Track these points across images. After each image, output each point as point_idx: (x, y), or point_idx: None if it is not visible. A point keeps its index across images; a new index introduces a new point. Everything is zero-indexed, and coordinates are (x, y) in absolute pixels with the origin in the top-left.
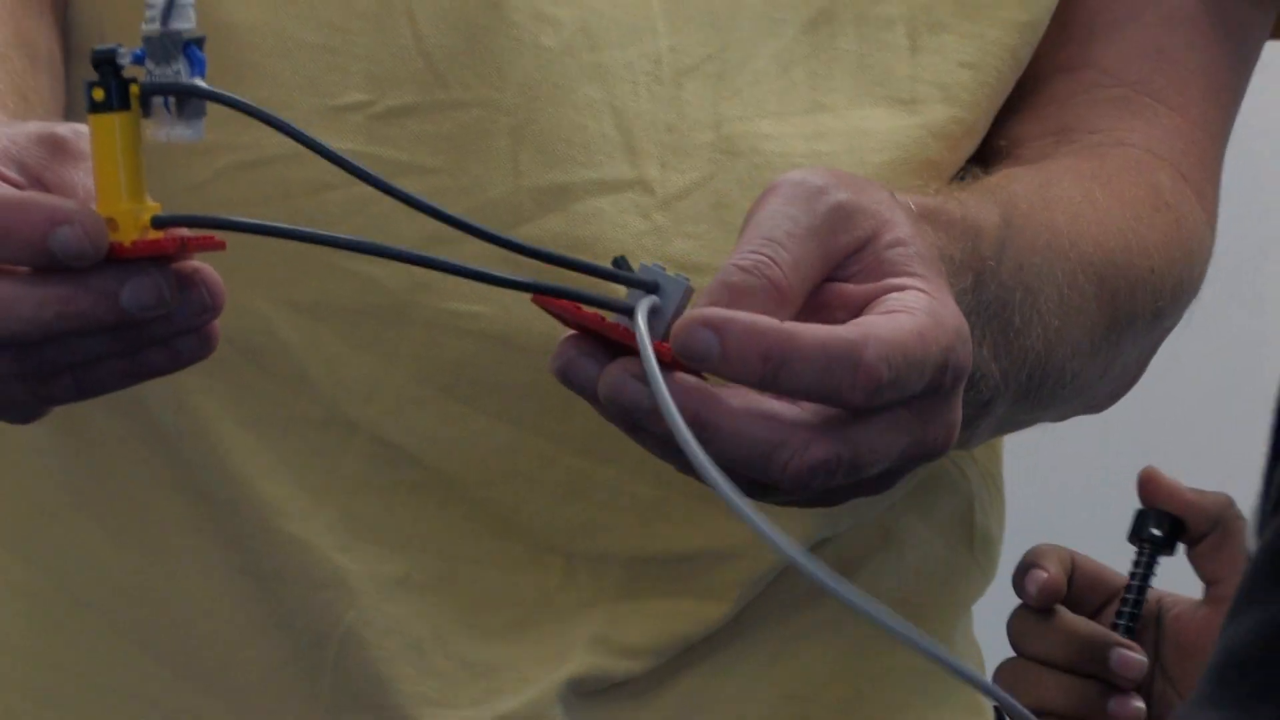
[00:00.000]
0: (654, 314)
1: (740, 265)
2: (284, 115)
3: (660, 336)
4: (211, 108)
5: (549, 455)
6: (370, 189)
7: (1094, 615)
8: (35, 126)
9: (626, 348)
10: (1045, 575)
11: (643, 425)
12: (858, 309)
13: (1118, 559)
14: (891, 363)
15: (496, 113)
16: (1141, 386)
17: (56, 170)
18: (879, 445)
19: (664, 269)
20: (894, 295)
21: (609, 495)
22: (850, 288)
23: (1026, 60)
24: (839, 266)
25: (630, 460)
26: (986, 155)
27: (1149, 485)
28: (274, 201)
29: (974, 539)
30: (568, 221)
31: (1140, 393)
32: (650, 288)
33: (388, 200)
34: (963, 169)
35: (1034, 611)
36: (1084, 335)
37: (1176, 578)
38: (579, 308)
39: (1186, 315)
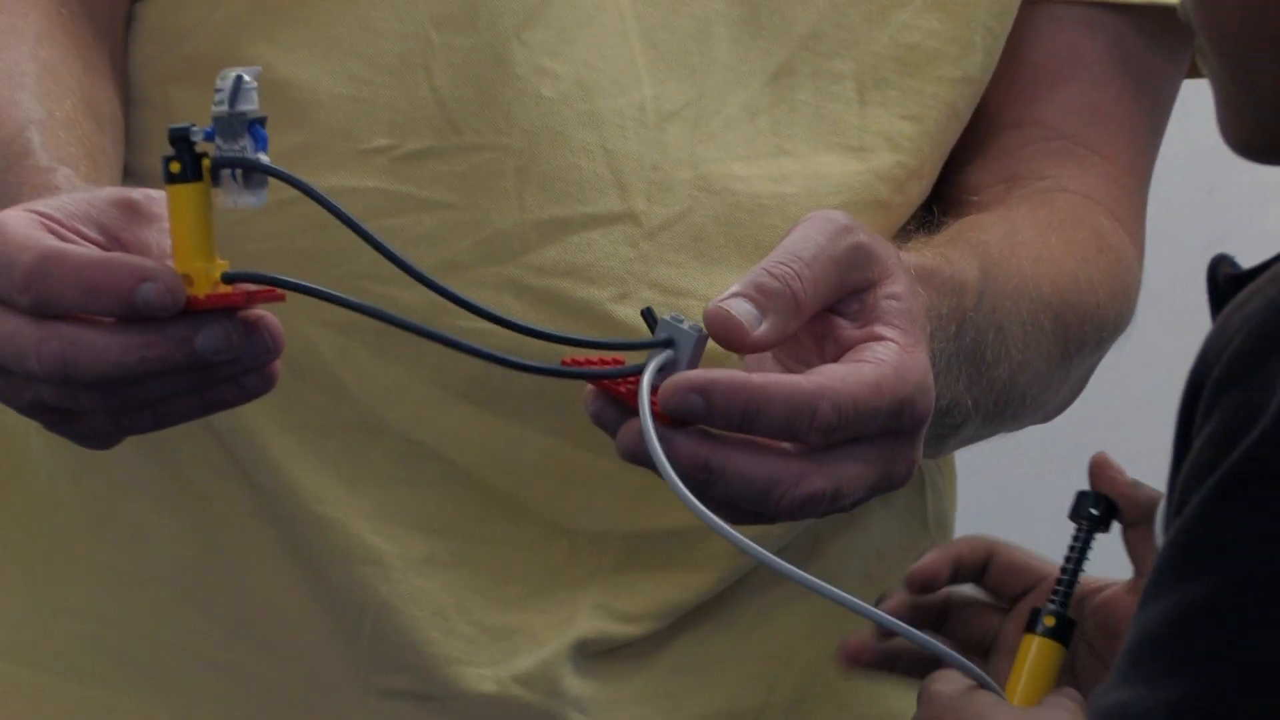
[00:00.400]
0: (669, 366)
1: (772, 272)
2: (319, 158)
3: None
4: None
5: (552, 449)
6: (393, 221)
7: (1019, 598)
8: (111, 191)
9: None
10: (919, 565)
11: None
12: (846, 347)
13: (1063, 535)
14: (841, 411)
15: (504, 155)
16: (1089, 394)
17: (132, 231)
18: (856, 480)
19: (682, 321)
20: (872, 345)
21: (605, 482)
22: (844, 325)
23: (966, 112)
24: (844, 299)
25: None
26: (950, 202)
27: (1096, 469)
28: (311, 232)
29: (929, 520)
30: (566, 250)
31: (1086, 399)
32: (666, 344)
33: (411, 231)
34: (935, 219)
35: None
36: (1042, 364)
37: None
38: (598, 380)
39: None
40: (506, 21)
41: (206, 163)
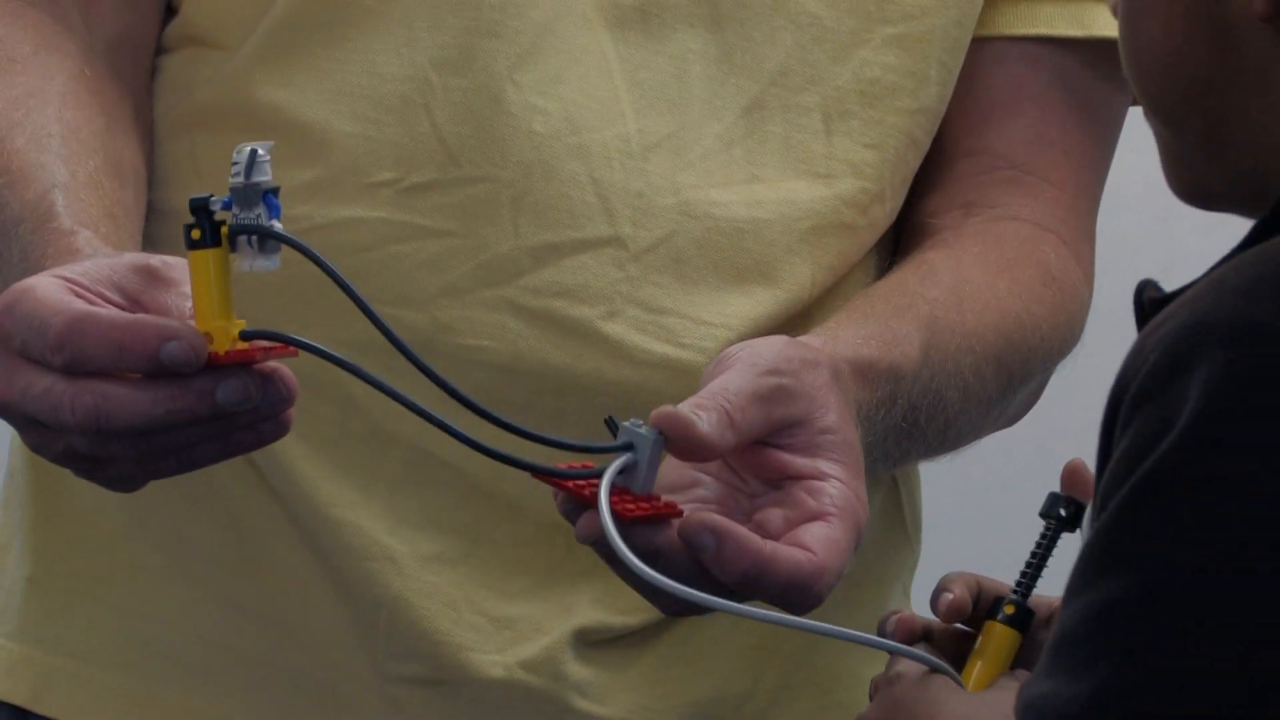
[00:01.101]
0: (630, 469)
1: (701, 398)
2: (331, 191)
3: (639, 486)
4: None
5: (548, 456)
6: (399, 248)
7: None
8: (132, 257)
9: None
10: (951, 596)
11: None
12: (794, 475)
13: (1023, 533)
14: (829, 586)
15: (499, 186)
16: (1051, 405)
17: (151, 294)
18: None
19: (641, 426)
20: (824, 485)
21: None
22: (788, 458)
23: (924, 140)
24: (779, 434)
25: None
26: (914, 226)
27: (1069, 474)
28: (326, 257)
29: (905, 521)
30: (559, 273)
31: (1048, 410)
32: (626, 448)
33: (415, 257)
34: (883, 253)
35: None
36: (981, 407)
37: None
38: (561, 482)
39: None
40: (500, 64)
41: (225, 229)
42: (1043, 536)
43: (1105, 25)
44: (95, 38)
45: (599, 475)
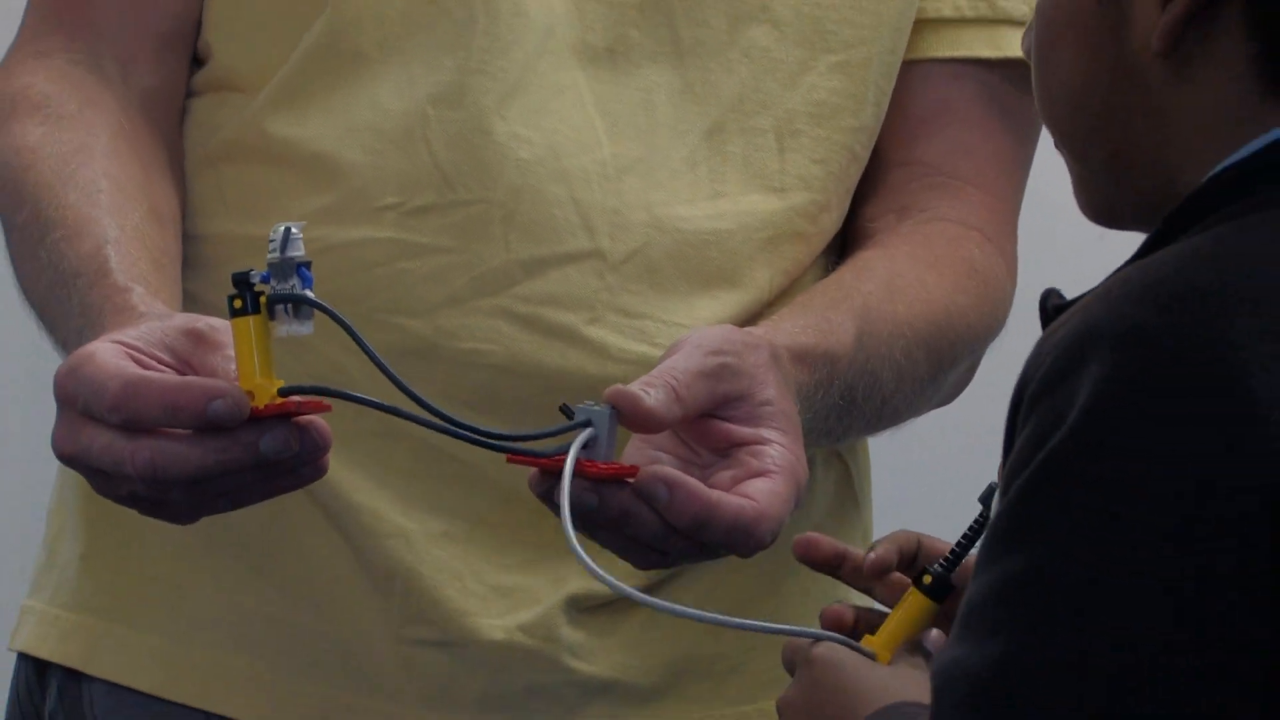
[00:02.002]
0: (592, 445)
1: (649, 378)
2: (343, 214)
3: (601, 456)
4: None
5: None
6: (404, 264)
7: None
8: (181, 320)
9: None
10: (874, 555)
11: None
12: (739, 443)
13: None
14: (771, 533)
15: (491, 207)
16: (983, 396)
17: (200, 355)
18: None
19: (594, 405)
20: (765, 449)
21: None
22: (732, 428)
23: (864, 155)
24: (724, 407)
25: None
26: (856, 230)
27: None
28: (342, 275)
29: (855, 495)
30: (546, 283)
31: (986, 398)
32: (584, 424)
33: (418, 271)
34: (831, 256)
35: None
36: (914, 387)
37: None
38: (532, 459)
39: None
40: (488, 100)
41: (264, 299)
42: (976, 520)
43: (1020, 45)
44: (133, 91)
45: (563, 453)
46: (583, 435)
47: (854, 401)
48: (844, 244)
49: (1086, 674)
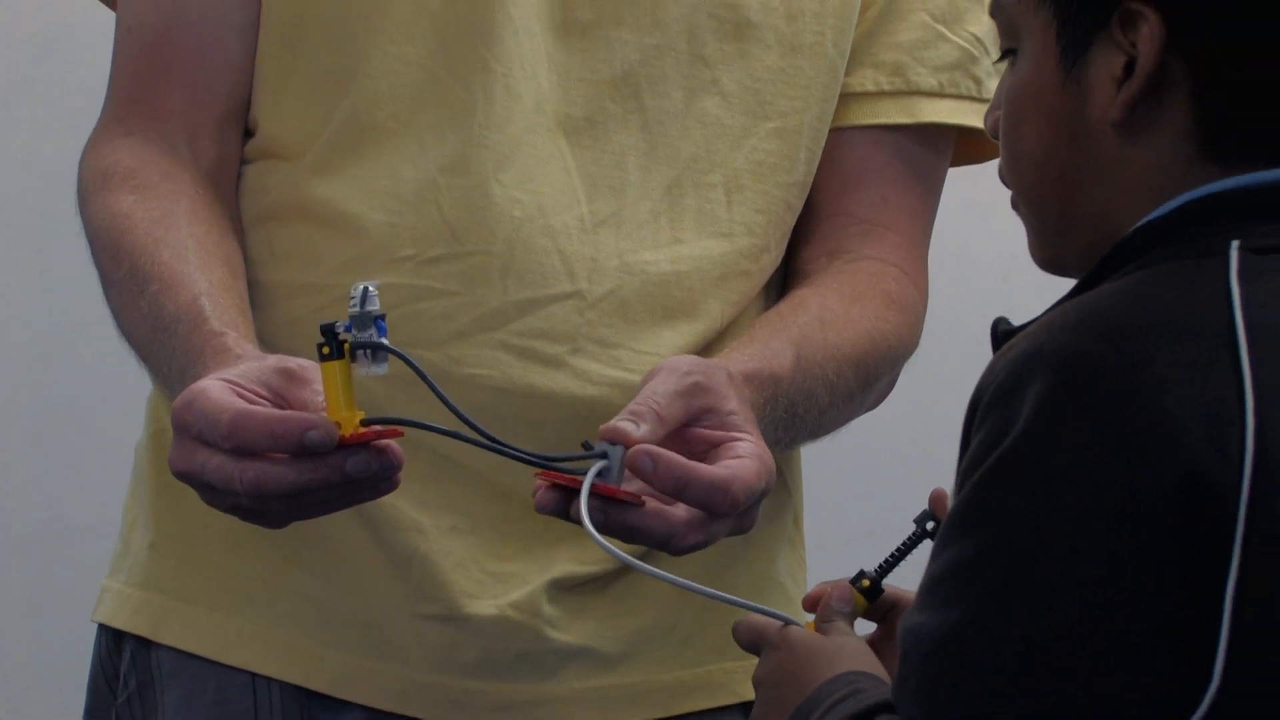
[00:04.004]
0: (605, 472)
1: (635, 407)
2: (368, 264)
3: (613, 483)
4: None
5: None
6: (420, 305)
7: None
8: (275, 360)
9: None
10: (809, 593)
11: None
12: (711, 445)
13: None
14: (744, 493)
15: (491, 258)
16: (912, 401)
17: (292, 391)
18: (722, 532)
19: (610, 444)
20: (737, 444)
21: None
22: (706, 432)
23: (798, 205)
24: (696, 419)
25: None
26: (794, 270)
27: (935, 499)
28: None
29: (787, 480)
30: (536, 320)
31: (923, 417)
32: (601, 456)
33: (431, 311)
34: (772, 293)
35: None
36: (845, 401)
37: None
38: (560, 475)
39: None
40: (487, 168)
41: (347, 346)
42: (909, 537)
43: (929, 113)
44: (200, 163)
45: (581, 474)
46: (597, 465)
47: (796, 414)
48: (784, 283)
49: (1027, 639)
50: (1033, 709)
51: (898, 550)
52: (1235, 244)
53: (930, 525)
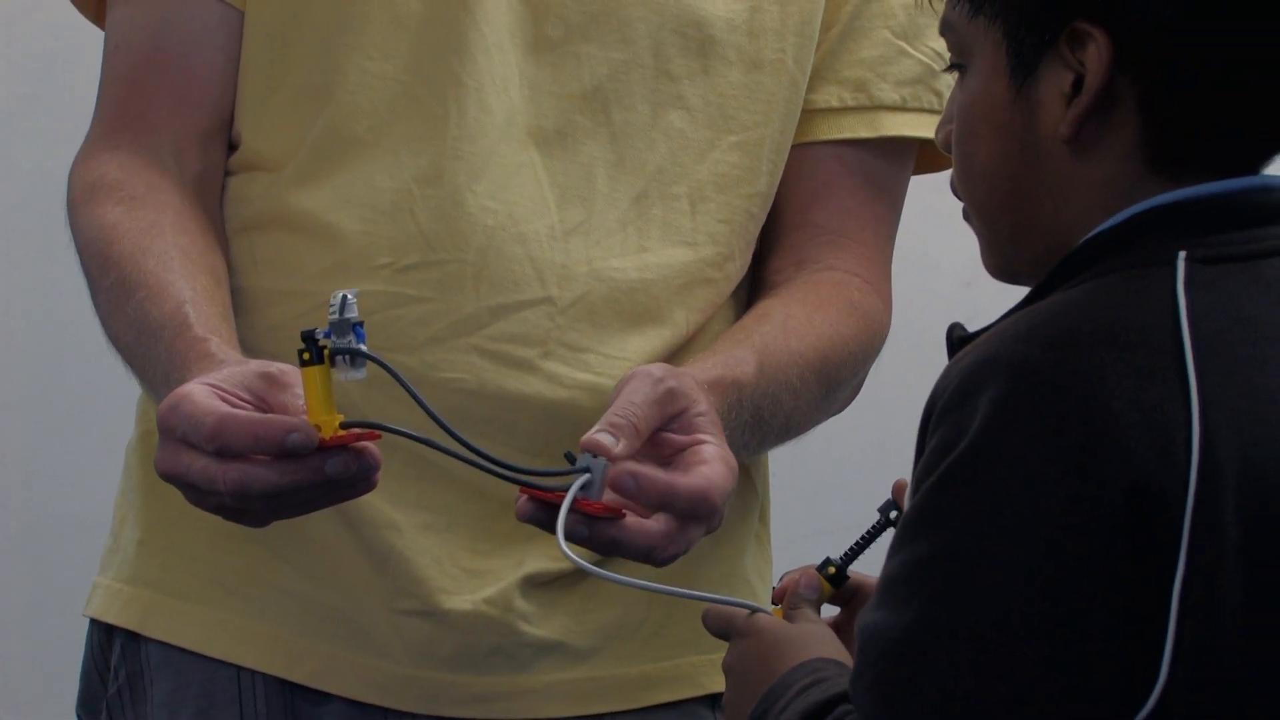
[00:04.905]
0: (588, 486)
1: (614, 419)
2: (346, 272)
3: (595, 496)
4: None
5: (504, 454)
6: (396, 311)
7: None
8: (256, 366)
9: (575, 505)
10: (778, 585)
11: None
12: (679, 449)
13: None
14: (721, 497)
15: (464, 265)
16: (874, 407)
17: (274, 395)
18: (697, 537)
19: (593, 457)
20: (704, 447)
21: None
22: (674, 436)
23: (761, 215)
24: (667, 424)
25: (550, 458)
26: (761, 280)
27: (897, 489)
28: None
29: (756, 487)
30: (509, 325)
31: (881, 419)
32: (583, 470)
33: (407, 317)
34: (741, 303)
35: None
36: (809, 405)
37: None
38: (543, 493)
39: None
40: (461, 178)
41: (327, 352)
42: (873, 526)
43: (892, 127)
44: (185, 175)
45: (564, 490)
46: (580, 479)
47: (761, 419)
48: (752, 293)
49: (978, 638)
50: (984, 706)
51: (862, 539)
52: (1182, 254)
53: (894, 514)
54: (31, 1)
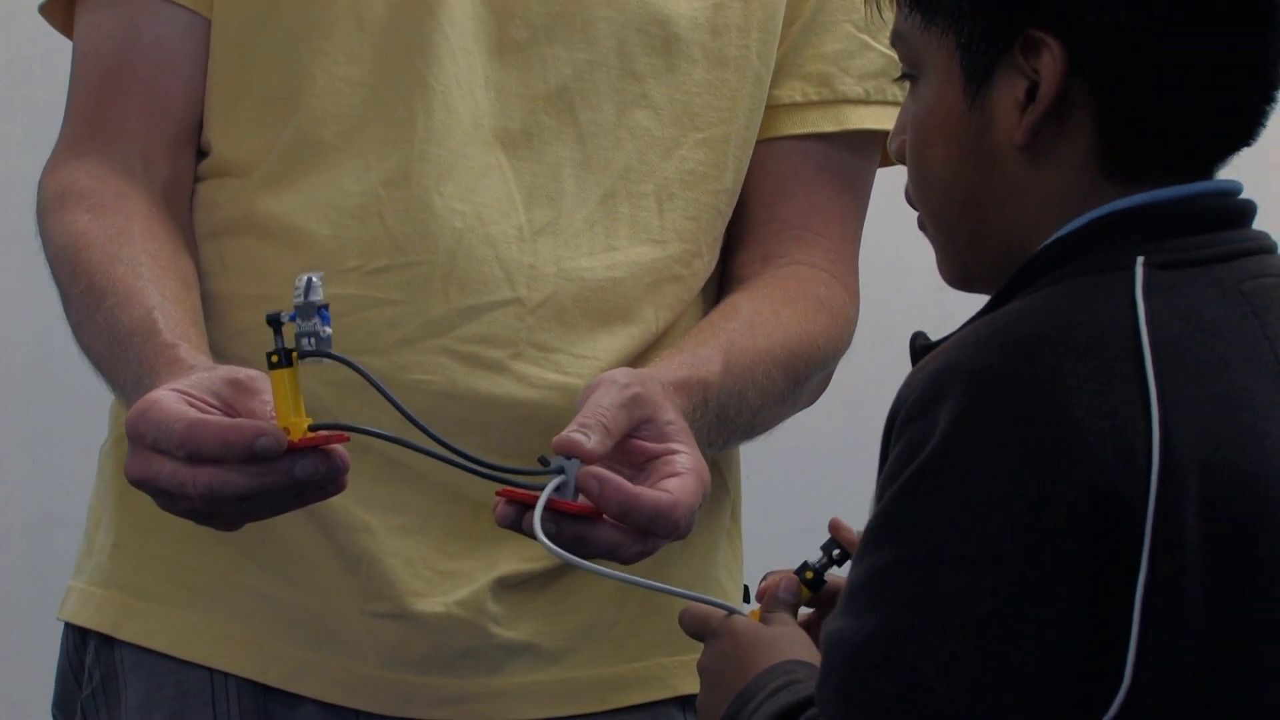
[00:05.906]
0: (562, 487)
1: (585, 420)
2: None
3: (569, 497)
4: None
5: (477, 455)
6: (366, 314)
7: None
8: (225, 372)
9: (547, 505)
10: (763, 584)
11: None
12: (652, 456)
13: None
14: (685, 516)
15: (433, 267)
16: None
17: (242, 401)
18: (662, 543)
19: (567, 458)
20: (675, 457)
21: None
22: (644, 444)
23: (727, 211)
24: (638, 429)
25: (523, 459)
26: (729, 275)
27: (833, 528)
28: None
29: (724, 477)
30: (478, 326)
31: (853, 423)
32: (558, 472)
33: (377, 319)
34: (709, 299)
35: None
36: (777, 401)
37: None
38: (519, 491)
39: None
40: (429, 180)
41: (295, 355)
42: (819, 563)
43: (856, 120)
44: (154, 182)
45: (539, 489)
46: (555, 480)
47: (727, 417)
48: (721, 288)
49: (941, 644)
50: (947, 710)
51: (818, 569)
52: (1140, 259)
53: (836, 553)
54: (2, 9)
